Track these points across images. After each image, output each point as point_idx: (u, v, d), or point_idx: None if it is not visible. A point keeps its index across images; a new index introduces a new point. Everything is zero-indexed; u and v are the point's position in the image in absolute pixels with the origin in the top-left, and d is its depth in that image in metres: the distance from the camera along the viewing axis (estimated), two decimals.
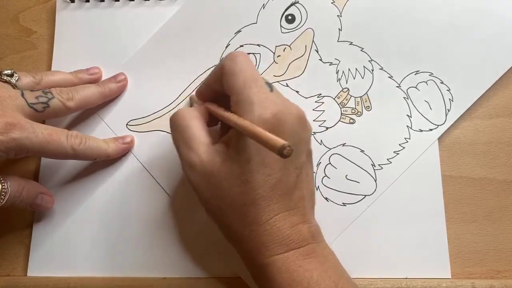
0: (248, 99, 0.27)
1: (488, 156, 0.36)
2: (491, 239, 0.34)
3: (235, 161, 0.27)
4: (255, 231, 0.27)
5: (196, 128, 0.29)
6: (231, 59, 0.28)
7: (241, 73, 0.28)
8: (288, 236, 0.27)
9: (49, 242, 0.35)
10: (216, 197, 0.28)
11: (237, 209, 0.27)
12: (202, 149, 0.28)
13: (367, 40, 0.37)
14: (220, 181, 0.27)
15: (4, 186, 0.30)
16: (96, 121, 0.37)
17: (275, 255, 0.27)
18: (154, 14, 0.39)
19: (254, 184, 0.26)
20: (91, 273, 0.34)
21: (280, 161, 0.27)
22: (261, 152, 0.26)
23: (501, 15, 0.37)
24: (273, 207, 0.27)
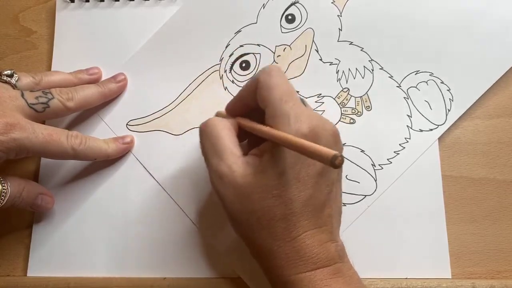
0: (285, 113, 0.27)
1: (488, 156, 0.36)
2: (491, 239, 0.34)
3: (268, 174, 0.26)
4: (282, 247, 0.26)
5: (227, 138, 0.28)
6: (266, 73, 0.28)
7: (277, 87, 0.27)
8: (316, 254, 0.26)
9: (49, 242, 0.35)
10: (245, 211, 0.27)
11: (266, 224, 0.26)
12: (233, 160, 0.27)
13: (367, 40, 0.37)
14: (250, 194, 0.26)
15: (4, 187, 0.30)
16: (96, 121, 0.37)
17: (302, 272, 0.26)
18: (154, 14, 0.39)
19: (286, 199, 0.26)
20: (91, 273, 0.34)
21: (313, 177, 0.27)
22: (295, 167, 0.26)
23: (501, 15, 0.37)
24: (303, 224, 0.26)
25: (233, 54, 0.38)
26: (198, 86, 0.37)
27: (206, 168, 0.29)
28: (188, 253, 0.35)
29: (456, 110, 0.36)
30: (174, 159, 0.36)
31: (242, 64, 0.37)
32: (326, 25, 0.38)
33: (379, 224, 0.34)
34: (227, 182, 0.27)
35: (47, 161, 0.36)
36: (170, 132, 0.37)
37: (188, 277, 0.34)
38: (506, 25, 0.37)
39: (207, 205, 0.35)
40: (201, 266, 0.34)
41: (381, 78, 0.37)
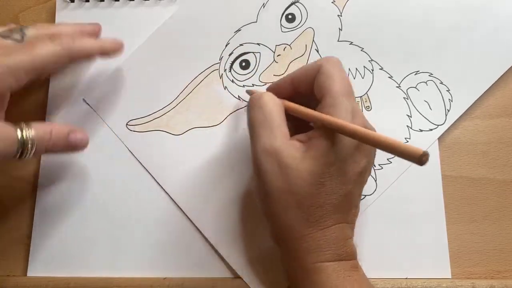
0: (345, 106, 0.27)
1: (488, 156, 0.36)
2: (491, 239, 0.34)
3: (318, 161, 0.26)
4: (314, 233, 0.27)
5: (280, 116, 0.28)
6: (330, 62, 0.29)
7: (340, 79, 0.28)
8: (342, 247, 0.27)
9: (49, 242, 0.35)
10: (286, 191, 0.27)
11: (304, 209, 0.27)
12: (284, 139, 0.28)
13: (367, 40, 0.37)
14: (296, 176, 0.27)
15: (27, 134, 0.29)
16: (96, 122, 0.37)
17: (328, 261, 0.27)
18: (154, 14, 0.39)
19: (329, 189, 0.27)
20: (91, 273, 0.34)
21: (355, 175, 0.27)
22: (345, 161, 0.27)
23: (500, 15, 0.37)
24: (336, 216, 0.27)
25: (233, 53, 0.38)
26: (198, 85, 0.37)
27: (250, 139, 0.29)
28: (188, 253, 0.34)
29: (456, 110, 0.36)
30: (174, 159, 0.36)
31: (242, 63, 0.37)
32: (326, 25, 0.38)
33: (379, 224, 0.34)
34: (275, 158, 0.27)
35: (47, 161, 0.36)
36: (170, 132, 0.37)
37: (188, 277, 0.34)
38: (505, 25, 0.37)
39: (208, 206, 0.35)
40: (201, 266, 0.34)
41: (381, 78, 0.37)
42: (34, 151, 0.29)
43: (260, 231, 0.34)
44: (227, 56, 0.38)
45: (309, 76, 0.29)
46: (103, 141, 0.37)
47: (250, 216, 0.35)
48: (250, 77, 0.37)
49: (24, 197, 0.36)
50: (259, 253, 0.34)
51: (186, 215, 0.35)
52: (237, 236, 0.34)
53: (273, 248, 0.31)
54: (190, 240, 0.35)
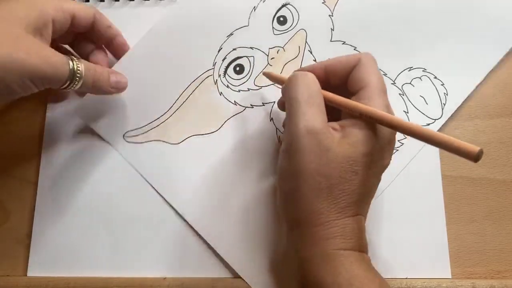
0: (383, 100, 0.28)
1: (488, 156, 0.36)
2: (491, 239, 0.34)
3: (355, 148, 0.27)
4: (341, 220, 0.27)
5: (322, 99, 0.28)
6: (369, 57, 0.29)
7: (378, 75, 0.29)
8: (361, 238, 0.28)
9: (49, 242, 0.35)
10: (321, 173, 0.26)
11: (335, 194, 0.27)
12: (324, 122, 0.27)
13: (359, 39, 0.37)
14: (333, 160, 0.26)
15: (77, 66, 0.30)
16: (92, 135, 0.37)
17: (350, 250, 0.27)
18: (154, 14, 0.39)
19: (361, 178, 0.27)
20: (91, 273, 0.34)
21: (381, 170, 0.28)
22: (377, 154, 0.27)
23: (490, 8, 0.37)
24: (359, 207, 0.27)
25: (226, 58, 0.37)
26: (193, 93, 0.37)
27: (290, 116, 0.28)
28: (188, 253, 0.34)
29: (452, 103, 0.36)
30: (173, 168, 0.36)
31: (236, 68, 0.37)
32: (318, 25, 0.38)
33: (379, 224, 0.34)
34: (316, 138, 0.27)
35: (47, 161, 0.36)
36: (168, 142, 0.36)
37: (188, 277, 0.34)
38: (495, 18, 0.37)
39: (210, 212, 0.35)
40: (201, 266, 0.34)
41: None
42: (81, 83, 0.31)
43: (262, 234, 0.34)
44: (220, 61, 0.37)
45: (347, 67, 0.29)
46: (103, 142, 0.37)
47: (252, 219, 0.35)
48: (245, 82, 0.37)
49: (24, 197, 0.36)
50: (262, 255, 0.34)
51: (188, 223, 0.35)
52: (238, 240, 0.34)
53: (275, 251, 0.31)
54: (190, 240, 0.35)
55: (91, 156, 0.36)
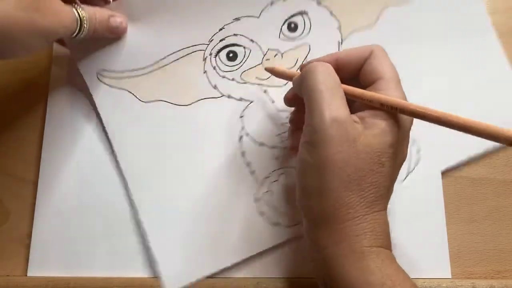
0: (400, 90, 0.27)
1: (488, 156, 0.36)
2: (491, 239, 0.34)
3: (380, 139, 0.26)
4: (370, 215, 0.25)
5: (342, 89, 0.27)
6: (380, 49, 0.29)
7: (392, 66, 0.28)
8: (388, 235, 0.27)
9: (49, 242, 0.35)
10: (351, 164, 0.25)
11: (364, 186, 0.25)
12: (348, 112, 0.26)
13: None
14: (360, 150, 0.25)
15: (82, 14, 0.32)
16: (92, 136, 0.37)
17: (382, 246, 0.25)
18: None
19: (386, 170, 0.26)
20: (91, 273, 0.34)
21: (402, 162, 0.28)
22: (399, 146, 0.27)
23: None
24: (384, 201, 0.27)
25: (225, 40, 0.36)
26: (178, 60, 0.36)
27: (314, 106, 0.26)
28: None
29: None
30: (134, 126, 0.36)
31: (229, 54, 0.36)
32: (324, 47, 0.37)
33: None
34: (344, 128, 0.25)
35: (47, 161, 0.36)
36: (136, 96, 0.36)
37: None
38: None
39: (153, 183, 0.35)
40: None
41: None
42: (85, 33, 0.32)
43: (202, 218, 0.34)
44: (217, 40, 0.36)
45: (360, 58, 0.29)
46: (103, 143, 0.37)
47: (195, 216, 0.35)
48: (233, 71, 0.36)
49: (24, 197, 0.36)
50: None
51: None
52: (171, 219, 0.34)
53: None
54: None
55: (91, 156, 0.36)
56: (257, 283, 0.33)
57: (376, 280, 0.24)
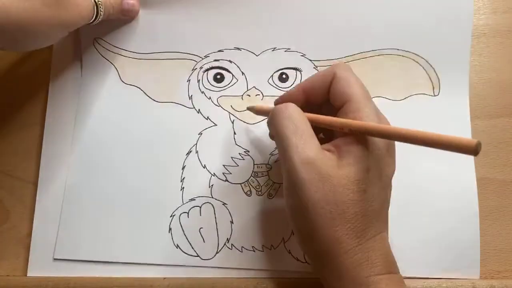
0: (372, 107, 0.27)
1: (488, 156, 0.36)
2: (491, 239, 0.34)
3: (356, 167, 0.26)
4: (363, 245, 0.25)
5: (309, 126, 0.27)
6: (343, 68, 0.29)
7: (359, 83, 0.28)
8: (387, 257, 0.26)
9: (49, 242, 0.35)
10: (329, 201, 0.25)
11: (349, 218, 0.25)
12: (318, 148, 0.26)
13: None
14: (337, 185, 0.25)
15: (100, 3, 0.33)
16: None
17: (380, 274, 0.25)
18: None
19: (370, 195, 0.26)
20: (91, 273, 0.34)
21: (388, 179, 0.27)
22: (378, 165, 0.26)
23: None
24: (379, 224, 0.26)
25: (219, 61, 0.37)
26: (169, 60, 0.37)
27: (283, 152, 0.27)
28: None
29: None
30: (105, 99, 0.37)
31: (217, 75, 0.37)
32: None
33: None
34: (314, 168, 0.26)
35: (47, 161, 0.36)
36: (119, 75, 0.37)
37: (188, 277, 0.34)
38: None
39: (105, 172, 0.36)
40: (201, 266, 0.34)
41: None
42: (103, 15, 0.34)
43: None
44: (212, 59, 0.37)
45: (324, 84, 0.29)
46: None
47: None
48: (213, 91, 0.37)
49: (24, 197, 0.36)
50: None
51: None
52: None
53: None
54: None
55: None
56: (257, 283, 0.33)
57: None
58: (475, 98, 0.37)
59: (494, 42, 0.38)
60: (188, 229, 0.35)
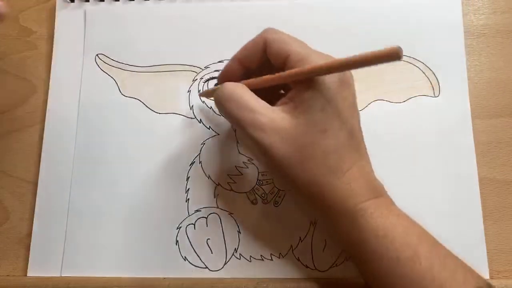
0: (312, 51, 0.28)
1: (488, 156, 0.36)
2: (491, 239, 0.34)
3: (311, 111, 0.26)
4: (341, 178, 0.27)
5: (250, 94, 0.28)
6: (273, 32, 0.29)
7: (291, 39, 0.28)
8: (371, 182, 0.27)
9: (49, 242, 0.35)
10: (296, 152, 0.27)
11: (320, 159, 0.27)
12: (267, 109, 0.28)
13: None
14: (296, 134, 0.27)
15: None
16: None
17: (366, 200, 0.27)
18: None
19: (333, 132, 0.27)
20: (91, 273, 0.34)
21: (349, 109, 0.27)
22: (333, 101, 0.27)
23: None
24: (352, 155, 0.27)
25: (219, 71, 0.37)
26: (172, 72, 0.38)
27: (240, 132, 0.29)
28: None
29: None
30: (105, 112, 0.37)
31: (217, 85, 0.37)
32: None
33: None
34: (270, 130, 0.27)
35: (47, 161, 0.36)
36: (120, 88, 0.37)
37: (188, 277, 0.34)
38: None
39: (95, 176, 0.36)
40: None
41: None
42: None
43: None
44: (212, 69, 0.37)
45: (257, 50, 0.29)
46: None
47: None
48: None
49: (24, 197, 0.36)
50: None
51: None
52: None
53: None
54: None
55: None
56: (257, 283, 0.33)
57: (368, 235, 0.26)
58: (475, 98, 0.37)
59: (494, 42, 0.38)
60: (195, 241, 0.35)
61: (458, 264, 0.27)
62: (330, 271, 0.33)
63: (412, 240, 0.26)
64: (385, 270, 0.26)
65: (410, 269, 0.25)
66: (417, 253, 0.26)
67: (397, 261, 0.26)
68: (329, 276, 0.33)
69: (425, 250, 0.26)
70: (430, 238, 0.27)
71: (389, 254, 0.26)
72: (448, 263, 0.26)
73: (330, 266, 0.34)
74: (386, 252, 0.26)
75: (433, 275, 0.25)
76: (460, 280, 0.25)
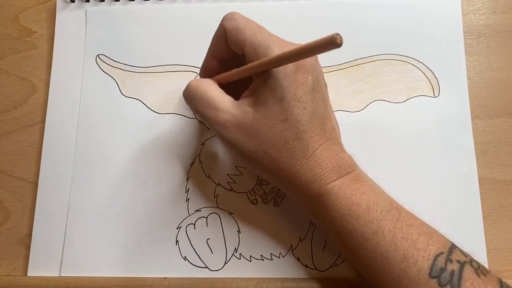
0: (264, 43, 0.28)
1: (488, 156, 0.36)
2: (491, 239, 0.34)
3: (269, 103, 0.27)
4: (305, 164, 0.28)
5: (215, 90, 0.29)
6: (229, 19, 0.29)
7: (247, 26, 0.29)
8: (336, 163, 0.28)
9: (49, 242, 0.35)
10: (258, 144, 0.28)
11: (283, 148, 0.28)
12: (229, 105, 0.29)
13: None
14: (258, 127, 0.28)
15: None
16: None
17: (330, 182, 0.28)
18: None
19: (293, 120, 0.27)
20: (91, 273, 0.34)
21: (309, 94, 0.28)
22: (290, 89, 0.27)
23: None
24: (315, 139, 0.28)
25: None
26: (172, 72, 0.38)
27: (208, 127, 0.29)
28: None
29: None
30: (105, 113, 0.37)
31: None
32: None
33: None
34: (232, 126, 0.28)
35: (47, 161, 0.36)
36: (120, 87, 0.37)
37: (188, 277, 0.34)
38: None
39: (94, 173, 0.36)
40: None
41: None
42: None
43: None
44: None
45: (222, 42, 0.30)
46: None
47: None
48: None
49: (24, 197, 0.36)
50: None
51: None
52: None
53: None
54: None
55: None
56: (257, 283, 0.33)
57: (335, 214, 0.27)
58: (475, 98, 0.37)
59: (494, 42, 0.38)
60: (195, 241, 0.35)
61: (421, 232, 0.27)
62: (330, 271, 0.34)
63: (375, 216, 0.27)
64: (353, 245, 0.27)
65: (375, 243, 0.26)
66: (380, 227, 0.27)
67: (362, 237, 0.27)
68: (329, 276, 0.33)
69: (388, 224, 0.27)
70: (395, 211, 0.28)
71: (355, 231, 0.27)
72: (410, 233, 0.27)
73: (330, 266, 0.34)
74: (352, 229, 0.27)
75: (396, 247, 0.26)
76: (421, 248, 0.26)
